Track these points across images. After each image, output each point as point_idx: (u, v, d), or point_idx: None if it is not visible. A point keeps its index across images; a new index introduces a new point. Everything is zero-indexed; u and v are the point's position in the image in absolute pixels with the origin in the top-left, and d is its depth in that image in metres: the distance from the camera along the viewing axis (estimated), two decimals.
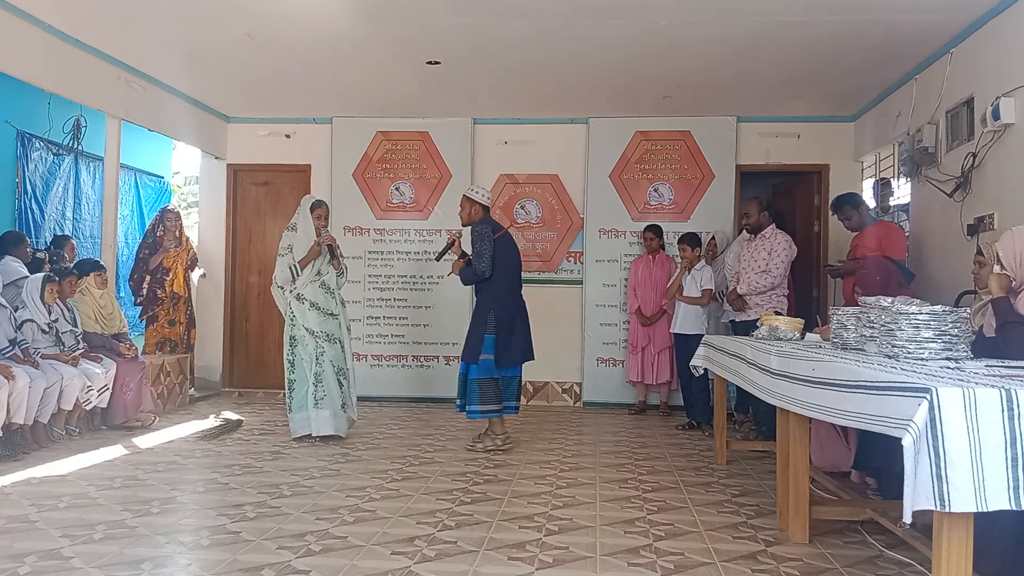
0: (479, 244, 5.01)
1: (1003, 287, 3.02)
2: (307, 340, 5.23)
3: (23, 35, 5.01)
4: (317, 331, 5.24)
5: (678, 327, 6.10)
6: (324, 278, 5.33)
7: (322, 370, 5.23)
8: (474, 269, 5.04)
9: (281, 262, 5.31)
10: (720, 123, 7.22)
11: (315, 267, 5.29)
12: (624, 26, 5.06)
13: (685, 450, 5.22)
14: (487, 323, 5.01)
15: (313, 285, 5.28)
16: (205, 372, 7.80)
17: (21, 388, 4.58)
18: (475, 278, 5.09)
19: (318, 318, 5.26)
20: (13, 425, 4.59)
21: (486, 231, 5.05)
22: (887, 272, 4.44)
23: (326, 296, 5.31)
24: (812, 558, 3.00)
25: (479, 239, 5.02)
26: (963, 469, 1.80)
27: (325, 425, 5.21)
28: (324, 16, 4.98)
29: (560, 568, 2.85)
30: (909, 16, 4.77)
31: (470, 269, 5.10)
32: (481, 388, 5.01)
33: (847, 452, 4.10)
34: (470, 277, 5.13)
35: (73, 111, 6.85)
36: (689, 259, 6.13)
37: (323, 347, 5.23)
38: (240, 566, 2.80)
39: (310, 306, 5.26)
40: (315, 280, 5.29)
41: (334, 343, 5.29)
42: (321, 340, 5.24)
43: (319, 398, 5.21)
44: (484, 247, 5.01)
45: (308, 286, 5.26)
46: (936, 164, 5.30)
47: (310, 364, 5.22)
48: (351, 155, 7.52)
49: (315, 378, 5.21)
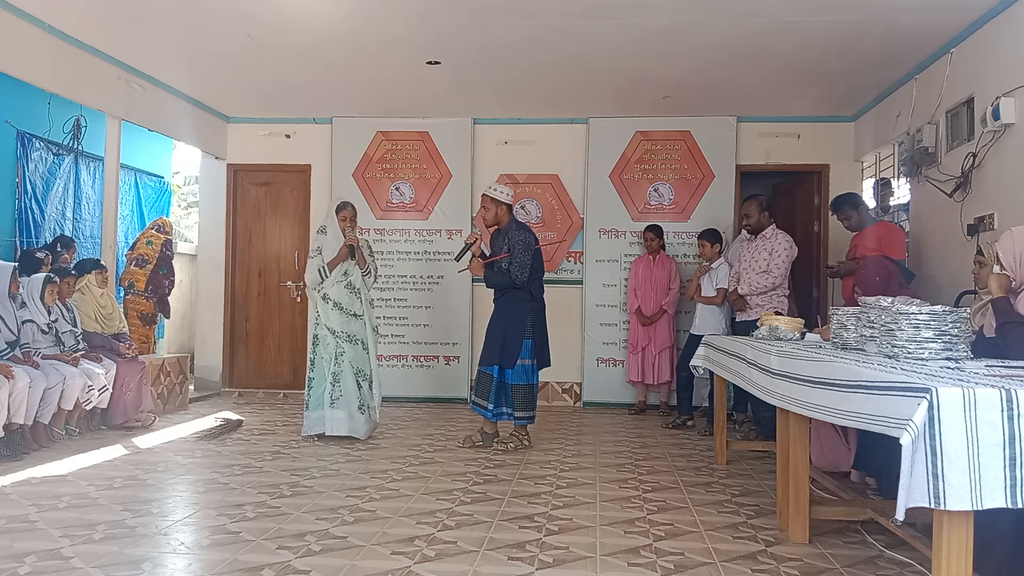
0: (523, 255, 4.96)
1: (1003, 287, 3.02)
2: (328, 339, 5.25)
3: (23, 35, 5.01)
4: (338, 331, 5.25)
5: (696, 327, 6.00)
6: (351, 278, 5.32)
7: (340, 370, 5.23)
8: (511, 276, 4.96)
9: (311, 264, 5.35)
10: (720, 123, 7.22)
11: (342, 267, 5.30)
12: (624, 26, 5.06)
13: (685, 450, 5.22)
14: (525, 327, 4.99)
15: (339, 285, 5.28)
16: (205, 372, 7.81)
17: (21, 388, 4.58)
18: (508, 284, 5.01)
19: (340, 318, 5.26)
20: (13, 425, 4.59)
21: (531, 241, 5.04)
22: (886, 272, 4.44)
23: (351, 296, 5.31)
24: (812, 558, 3.00)
25: (524, 249, 4.97)
26: (959, 467, 1.81)
27: (339, 425, 5.22)
28: (324, 16, 4.98)
29: (560, 568, 2.85)
30: (909, 16, 4.77)
31: (494, 273, 5.05)
32: (525, 393, 5.03)
33: (847, 452, 4.10)
34: (502, 282, 5.04)
35: (73, 111, 6.86)
36: (709, 256, 6.11)
37: (343, 347, 5.23)
38: (240, 566, 2.80)
39: (333, 306, 5.27)
40: (341, 280, 5.29)
41: (355, 344, 5.28)
42: (342, 340, 5.24)
43: (335, 398, 5.22)
44: (527, 258, 4.97)
45: (334, 286, 5.27)
46: (936, 164, 5.30)
47: (329, 363, 5.23)
48: (351, 155, 7.52)
49: (333, 377, 5.22)
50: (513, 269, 4.96)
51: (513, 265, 4.96)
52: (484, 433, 5.13)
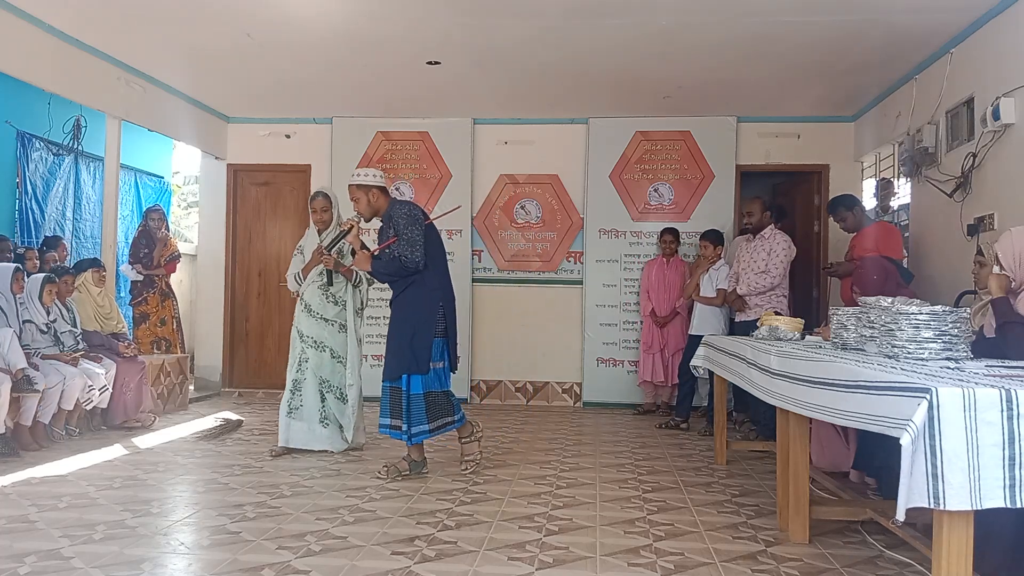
0: (410, 229, 4.10)
1: (1003, 287, 3.02)
2: (295, 343, 4.84)
3: (23, 35, 5.01)
4: (306, 335, 4.80)
5: (696, 328, 6.00)
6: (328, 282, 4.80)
7: (303, 378, 4.77)
8: (403, 259, 4.10)
9: (291, 266, 4.97)
10: (720, 123, 7.22)
11: (320, 267, 4.76)
12: (624, 26, 5.06)
13: (685, 450, 5.22)
14: (435, 324, 4.17)
15: (313, 286, 4.83)
16: (205, 372, 7.81)
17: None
18: (401, 270, 4.14)
19: (308, 321, 4.81)
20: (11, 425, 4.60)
21: (416, 214, 4.18)
22: (884, 272, 4.44)
23: (323, 299, 4.81)
24: (812, 558, 3.00)
25: (411, 223, 4.12)
26: (959, 467, 1.81)
27: (296, 437, 4.76)
28: (324, 16, 4.98)
29: (560, 568, 2.85)
30: (909, 16, 4.77)
31: (383, 262, 4.19)
32: (429, 402, 4.17)
33: (847, 452, 4.10)
34: (396, 270, 4.16)
35: (73, 111, 6.86)
36: (710, 257, 6.11)
37: (308, 353, 4.77)
38: (240, 566, 2.80)
39: (304, 307, 4.84)
40: (316, 280, 4.82)
41: (322, 351, 4.79)
42: (308, 346, 4.78)
43: (293, 407, 4.77)
44: (416, 233, 4.11)
45: (309, 287, 4.84)
46: (936, 164, 5.30)
47: (291, 368, 4.82)
48: (351, 155, 7.51)
49: (293, 385, 4.79)
50: (402, 248, 4.11)
51: (401, 244, 4.13)
52: (412, 461, 4.32)
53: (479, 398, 7.47)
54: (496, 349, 7.46)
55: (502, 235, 7.51)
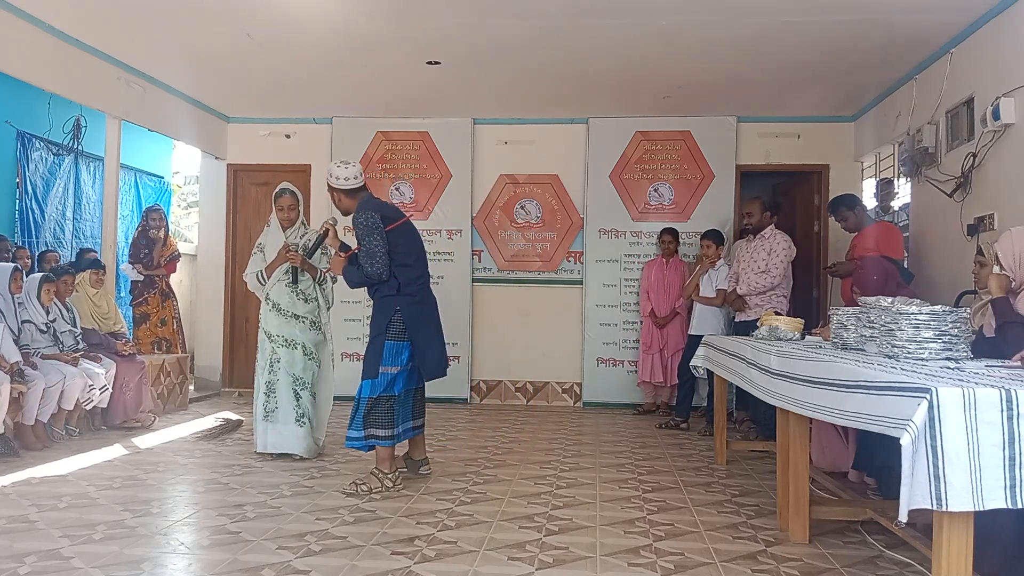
0: (368, 240, 3.91)
1: (1003, 287, 3.03)
2: (264, 345, 4.68)
3: (23, 35, 5.01)
4: (275, 335, 4.64)
5: (696, 328, 6.00)
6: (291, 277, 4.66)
7: (276, 379, 4.62)
8: (365, 271, 3.95)
9: (250, 264, 4.78)
10: (720, 123, 7.22)
11: (285, 266, 4.65)
12: (624, 26, 5.06)
13: (685, 450, 5.22)
14: (391, 327, 3.97)
15: (280, 284, 4.67)
16: (205, 372, 7.81)
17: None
18: (366, 281, 4.00)
19: (277, 320, 4.65)
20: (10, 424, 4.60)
21: (373, 221, 3.91)
22: (884, 272, 4.44)
23: (291, 296, 4.66)
24: (812, 558, 3.00)
25: (367, 233, 3.91)
26: (960, 468, 1.81)
27: (275, 441, 4.61)
28: (324, 16, 4.98)
29: (560, 568, 2.85)
30: (909, 16, 4.77)
31: (355, 269, 4.03)
32: (371, 407, 3.93)
33: (847, 452, 4.10)
34: (358, 279, 4.03)
35: (73, 111, 6.86)
36: (711, 257, 6.11)
37: (279, 353, 4.62)
38: (240, 566, 2.80)
39: (272, 306, 4.67)
40: (282, 279, 4.67)
41: (293, 348, 4.64)
42: (278, 345, 4.63)
43: (269, 410, 4.62)
44: (375, 244, 3.90)
45: (275, 285, 4.68)
46: (936, 164, 5.30)
47: (263, 371, 4.66)
48: (351, 155, 7.46)
49: (267, 387, 4.64)
50: (362, 259, 3.97)
51: (361, 255, 3.98)
52: (409, 460, 4.32)
53: (479, 398, 7.47)
54: (496, 349, 7.46)
55: (502, 235, 7.51)
